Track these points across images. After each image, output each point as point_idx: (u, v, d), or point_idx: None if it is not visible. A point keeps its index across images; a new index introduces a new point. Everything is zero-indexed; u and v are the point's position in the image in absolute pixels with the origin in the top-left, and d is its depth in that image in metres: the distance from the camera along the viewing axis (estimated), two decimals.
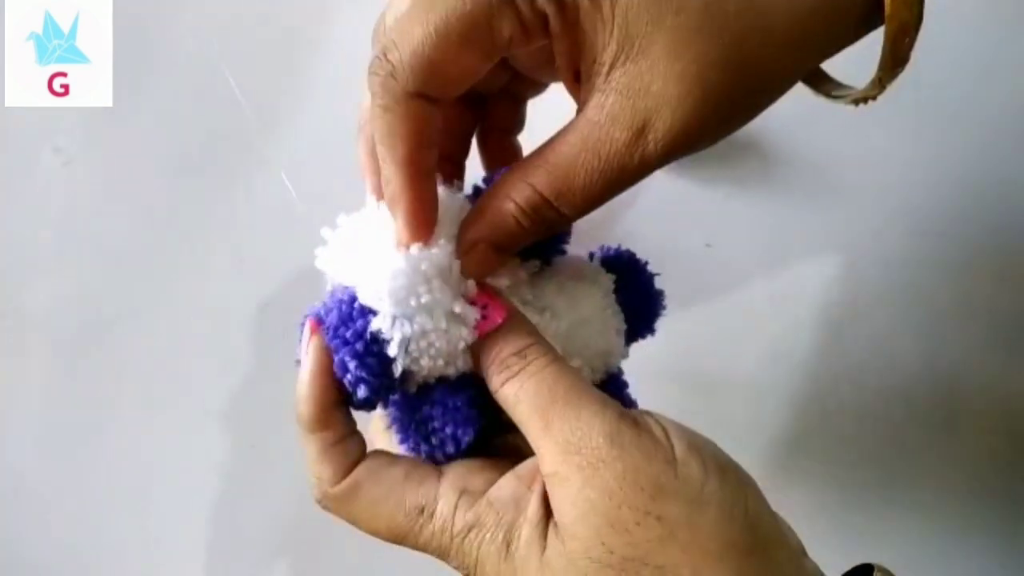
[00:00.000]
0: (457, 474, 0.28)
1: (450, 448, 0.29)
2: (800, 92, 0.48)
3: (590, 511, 0.25)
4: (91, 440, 0.49)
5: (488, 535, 0.26)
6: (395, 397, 0.30)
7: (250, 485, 0.49)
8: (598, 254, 0.35)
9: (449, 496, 0.27)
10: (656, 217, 0.48)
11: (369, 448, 0.30)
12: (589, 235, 0.36)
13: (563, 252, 0.33)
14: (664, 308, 0.35)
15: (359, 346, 0.27)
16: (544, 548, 0.26)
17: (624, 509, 0.25)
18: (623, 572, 0.24)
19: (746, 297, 0.49)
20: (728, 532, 0.25)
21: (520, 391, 0.27)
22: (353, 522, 0.29)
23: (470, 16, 0.25)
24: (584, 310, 0.32)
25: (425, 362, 0.28)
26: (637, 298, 0.34)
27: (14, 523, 0.49)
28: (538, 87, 0.35)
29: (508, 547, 0.26)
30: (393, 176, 0.28)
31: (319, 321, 0.29)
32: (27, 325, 0.48)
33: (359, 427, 0.30)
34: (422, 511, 0.27)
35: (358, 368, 0.27)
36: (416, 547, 0.28)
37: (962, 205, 0.49)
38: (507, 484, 0.28)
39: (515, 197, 0.28)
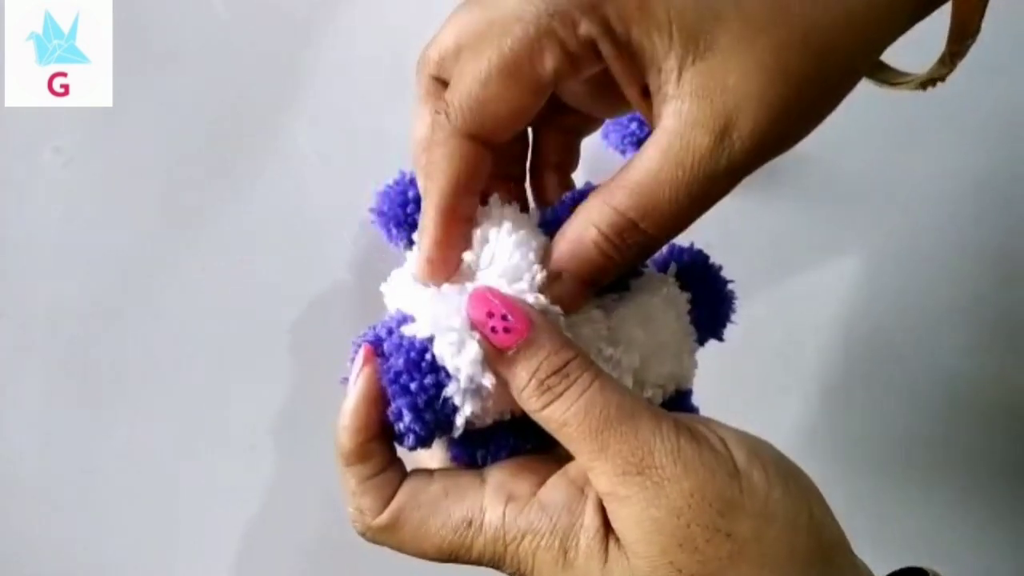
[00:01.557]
0: (500, 480, 0.28)
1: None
2: None
3: (655, 530, 0.24)
4: (91, 440, 0.48)
5: (543, 542, 0.26)
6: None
7: (250, 485, 0.49)
8: (672, 266, 0.32)
9: (496, 505, 0.26)
10: None
11: (405, 461, 0.29)
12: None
13: (641, 273, 0.31)
14: (735, 312, 0.34)
15: (420, 400, 0.26)
16: (605, 560, 0.25)
17: (693, 527, 0.24)
18: None
19: (747, 297, 0.49)
20: (794, 542, 0.25)
21: (567, 414, 0.25)
22: (400, 549, 0.28)
23: (512, 56, 0.25)
24: (661, 336, 0.30)
25: (479, 422, 0.27)
26: (710, 310, 0.33)
27: (14, 523, 0.48)
28: (592, 123, 0.34)
29: (566, 555, 0.25)
30: (427, 208, 0.27)
31: (376, 349, 0.27)
32: (27, 325, 0.48)
33: None
34: (470, 524, 0.26)
35: (414, 422, 0.26)
36: (469, 561, 0.27)
37: (963, 204, 0.49)
38: (557, 486, 0.27)
39: (598, 223, 0.26)
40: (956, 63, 0.28)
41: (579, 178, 0.35)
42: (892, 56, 0.30)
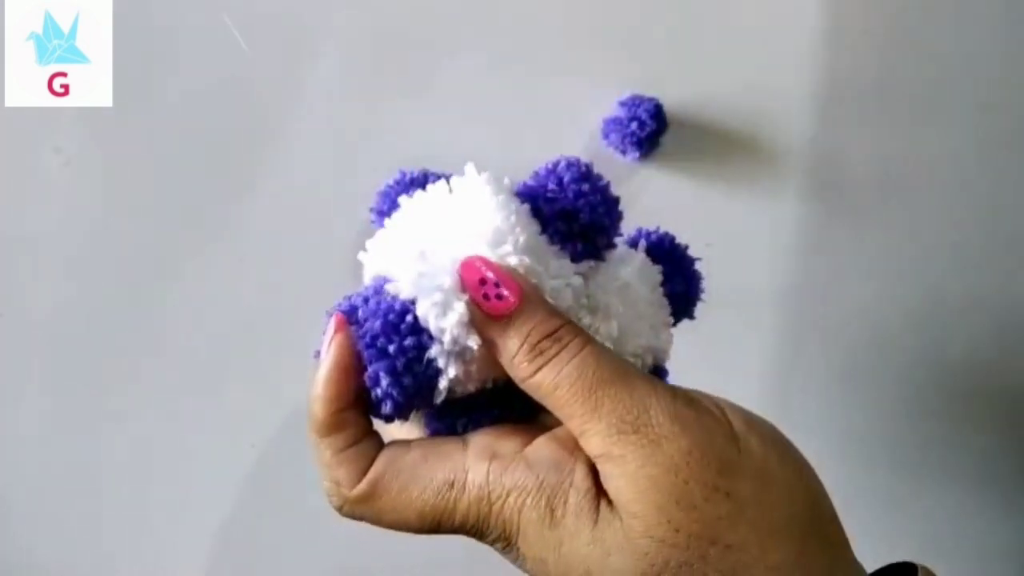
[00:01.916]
0: (483, 442, 0.26)
1: None
2: (802, 93, 0.48)
3: (651, 488, 0.23)
4: (91, 440, 0.48)
5: (530, 499, 0.24)
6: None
7: (251, 485, 0.49)
8: (642, 242, 0.33)
9: (479, 464, 0.25)
10: (656, 217, 0.48)
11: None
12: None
13: (615, 246, 0.31)
14: (704, 292, 0.34)
15: (399, 363, 0.25)
16: (596, 520, 0.24)
17: (692, 484, 0.23)
18: (688, 551, 0.23)
19: (746, 297, 0.49)
20: (792, 509, 0.24)
21: (560, 376, 0.25)
22: (379, 521, 0.27)
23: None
24: (637, 307, 0.30)
25: (461, 389, 0.27)
26: (681, 286, 0.33)
27: (14, 523, 0.49)
28: None
29: (553, 514, 0.24)
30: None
31: (349, 317, 0.26)
32: (27, 325, 0.48)
33: None
34: (452, 485, 0.25)
35: (391, 385, 0.25)
36: (453, 527, 0.26)
37: (963, 204, 0.49)
38: (544, 446, 0.26)
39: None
40: None
41: None
42: None
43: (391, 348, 0.25)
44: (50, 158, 0.47)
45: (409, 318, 0.25)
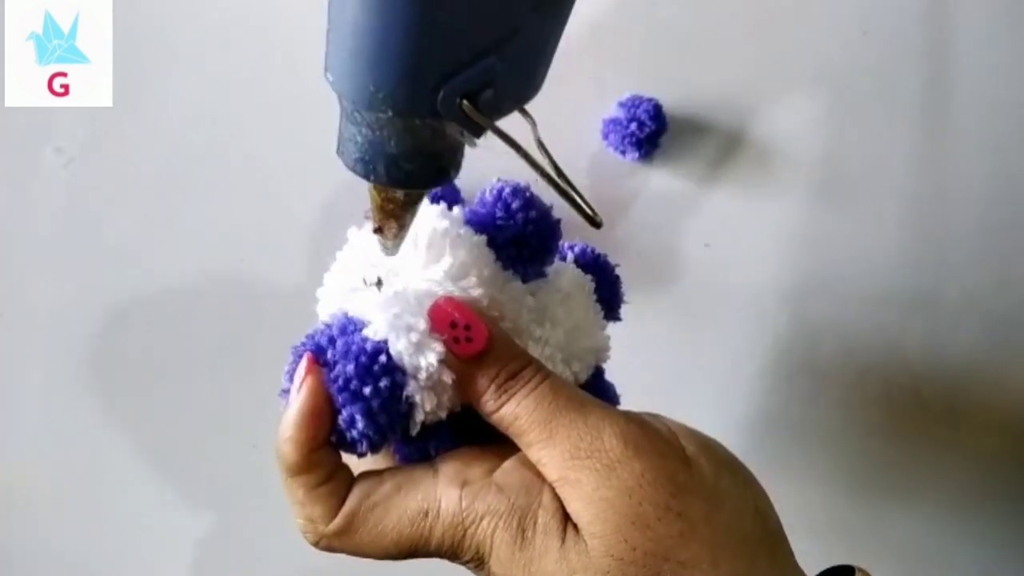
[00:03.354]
0: (453, 469, 0.28)
1: None
2: (802, 93, 0.48)
3: (608, 509, 0.25)
4: (91, 440, 0.48)
5: (501, 522, 0.26)
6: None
7: (251, 485, 0.49)
8: (570, 256, 0.35)
9: (450, 493, 0.27)
10: (656, 217, 0.48)
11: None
12: (582, 235, 0.36)
13: (552, 262, 0.33)
14: (623, 296, 0.37)
15: (375, 404, 0.26)
16: (563, 540, 0.25)
17: (645, 506, 0.25)
18: (644, 568, 0.24)
19: (746, 297, 0.49)
20: (743, 527, 0.26)
21: (519, 408, 0.27)
22: (356, 552, 0.28)
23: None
24: (578, 313, 0.32)
25: (433, 418, 0.28)
26: (608, 292, 0.35)
27: (14, 522, 0.49)
28: None
29: (524, 534, 0.26)
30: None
31: (317, 358, 0.27)
32: (27, 325, 0.48)
33: None
34: (427, 514, 0.26)
35: (367, 427, 0.26)
36: (428, 552, 0.27)
37: (963, 204, 0.49)
38: (513, 469, 0.27)
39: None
40: None
41: (578, 179, 0.35)
42: None
43: (366, 390, 0.26)
44: (50, 158, 0.47)
45: (382, 358, 0.26)
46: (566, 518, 0.26)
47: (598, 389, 0.35)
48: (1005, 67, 0.48)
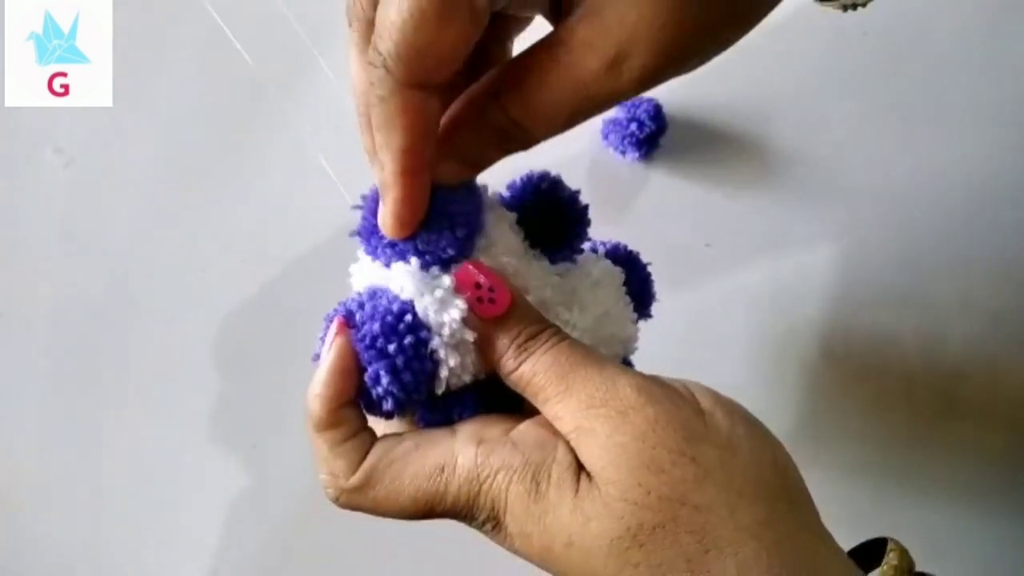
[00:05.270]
0: (470, 429, 0.28)
1: None
2: (802, 93, 0.48)
3: (621, 454, 0.25)
4: (91, 440, 0.48)
5: (516, 476, 0.26)
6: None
7: (251, 485, 0.49)
8: (601, 249, 0.36)
9: (467, 448, 0.27)
10: (656, 217, 0.48)
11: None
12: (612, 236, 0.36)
13: (582, 251, 0.34)
14: (655, 294, 0.37)
15: (399, 361, 0.27)
16: (576, 490, 0.25)
17: (659, 450, 0.25)
18: (659, 513, 0.24)
19: (746, 297, 0.49)
20: (760, 474, 0.25)
21: (537, 364, 0.27)
22: (375, 509, 0.28)
23: None
24: (607, 301, 0.33)
25: (457, 381, 0.28)
26: (639, 287, 0.35)
27: (14, 522, 0.49)
28: (521, 23, 0.33)
29: (538, 487, 0.26)
30: (387, 164, 0.27)
31: (349, 321, 0.28)
32: (27, 325, 0.48)
33: None
34: (443, 469, 0.27)
35: (391, 383, 0.27)
36: (444, 510, 0.27)
37: (962, 204, 0.49)
38: (528, 429, 0.27)
39: (486, 115, 0.27)
40: None
41: (578, 179, 0.35)
42: None
43: (391, 348, 0.27)
44: (50, 158, 0.47)
45: (408, 318, 0.27)
46: (580, 470, 0.26)
47: None
48: (1005, 67, 0.48)
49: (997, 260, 0.49)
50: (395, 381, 0.27)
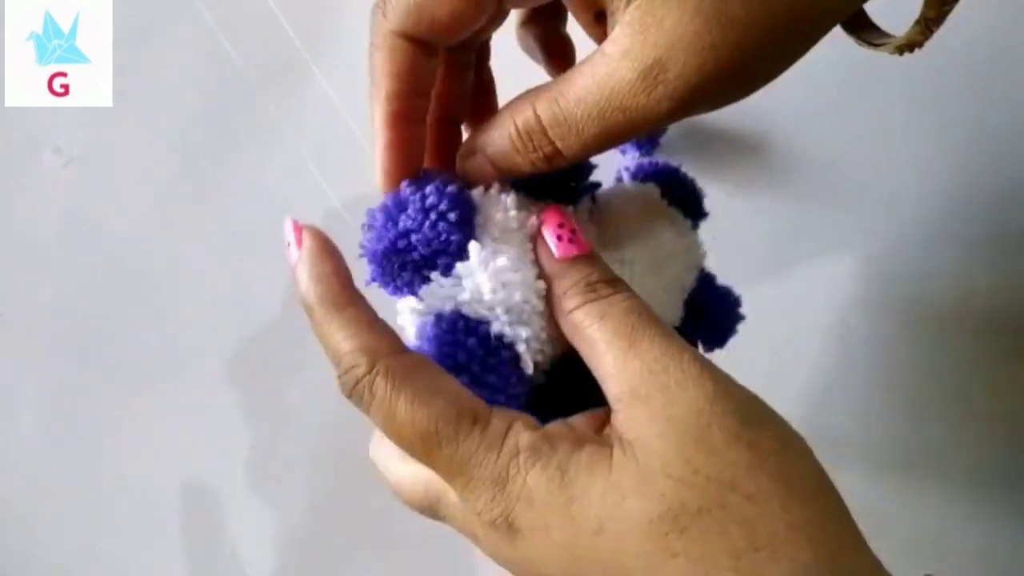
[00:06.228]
0: (507, 413, 0.26)
1: None
2: (802, 90, 0.48)
3: (672, 427, 0.23)
4: (91, 440, 0.48)
5: (541, 462, 0.24)
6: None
7: (251, 486, 0.49)
8: (626, 176, 0.34)
9: (502, 417, 0.25)
10: None
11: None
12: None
13: (597, 186, 0.32)
14: (702, 192, 0.35)
15: (475, 367, 0.26)
16: (610, 468, 0.23)
17: (714, 428, 0.23)
18: (706, 495, 0.22)
19: (747, 297, 0.49)
20: (816, 474, 0.24)
21: (606, 312, 0.25)
22: (392, 406, 0.24)
23: None
24: (654, 220, 0.32)
25: (541, 358, 0.28)
26: (681, 192, 0.34)
27: (13, 524, 0.48)
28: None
29: (564, 474, 0.23)
30: (375, 115, 0.27)
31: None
32: (27, 325, 0.48)
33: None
34: (475, 419, 0.24)
35: (480, 390, 0.26)
36: (443, 458, 0.24)
37: (964, 204, 0.49)
38: (558, 425, 0.26)
39: (515, 116, 0.26)
40: (933, 29, 0.28)
41: None
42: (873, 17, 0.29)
43: (460, 357, 0.26)
44: (50, 158, 0.47)
45: (461, 324, 0.27)
46: (611, 448, 0.24)
47: (709, 294, 0.34)
48: (1005, 67, 0.48)
49: (1000, 261, 0.50)
50: (476, 384, 0.26)
